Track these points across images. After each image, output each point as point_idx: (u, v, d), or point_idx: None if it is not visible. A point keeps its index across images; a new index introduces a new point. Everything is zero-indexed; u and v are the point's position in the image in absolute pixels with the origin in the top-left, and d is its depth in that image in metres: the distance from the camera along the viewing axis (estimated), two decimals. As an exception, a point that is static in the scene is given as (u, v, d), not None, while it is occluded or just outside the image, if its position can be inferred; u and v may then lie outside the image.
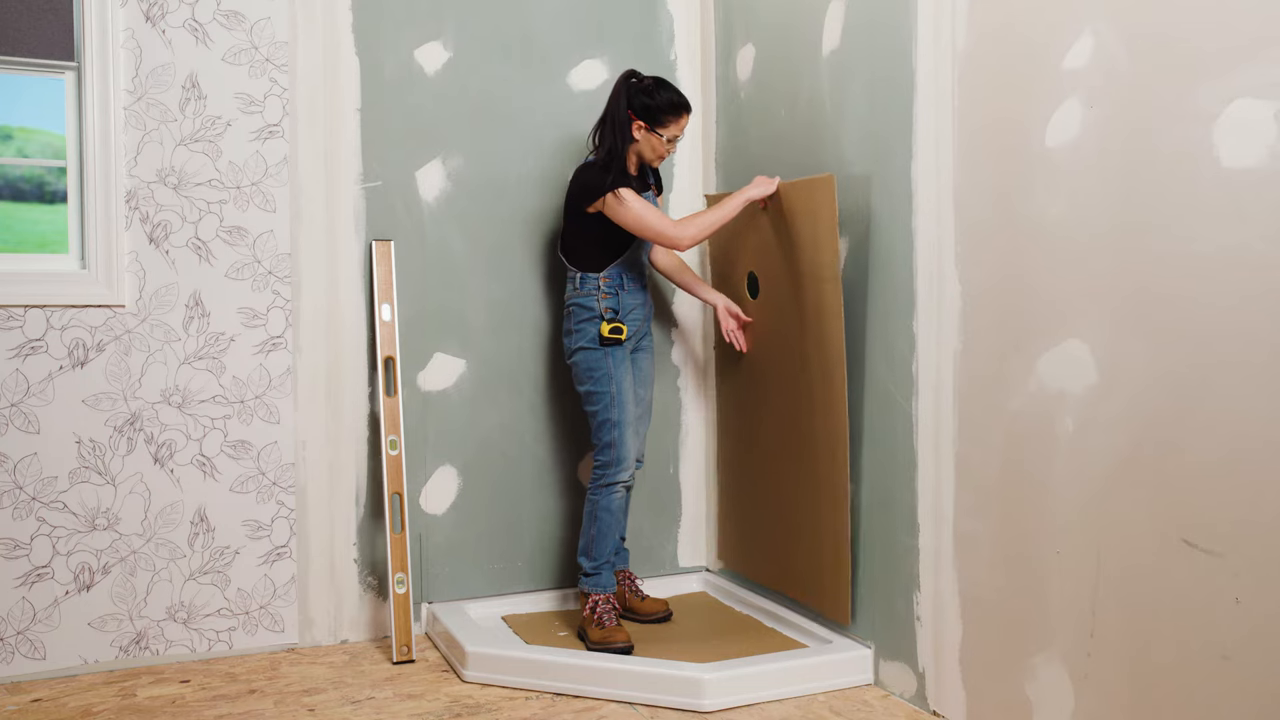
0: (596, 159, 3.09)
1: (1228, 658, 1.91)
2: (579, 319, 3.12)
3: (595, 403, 3.11)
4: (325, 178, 3.20)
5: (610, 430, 3.09)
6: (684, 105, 3.06)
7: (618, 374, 3.10)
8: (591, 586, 3.10)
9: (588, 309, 3.11)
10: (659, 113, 3.02)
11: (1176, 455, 1.99)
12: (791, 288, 3.03)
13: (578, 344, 3.12)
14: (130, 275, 3.01)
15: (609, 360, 3.09)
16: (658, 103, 3.02)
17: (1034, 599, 2.32)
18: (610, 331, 3.07)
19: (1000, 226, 2.40)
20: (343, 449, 3.24)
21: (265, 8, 3.12)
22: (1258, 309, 1.85)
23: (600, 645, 2.98)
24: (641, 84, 3.05)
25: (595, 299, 3.10)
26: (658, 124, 3.03)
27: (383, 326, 3.24)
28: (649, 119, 3.02)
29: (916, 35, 2.63)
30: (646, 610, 3.28)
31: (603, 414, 3.09)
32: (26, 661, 2.92)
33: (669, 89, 3.05)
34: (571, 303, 3.15)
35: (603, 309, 3.09)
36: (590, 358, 3.10)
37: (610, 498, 3.12)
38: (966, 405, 2.50)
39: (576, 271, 3.14)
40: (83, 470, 2.97)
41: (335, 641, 3.24)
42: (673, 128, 3.05)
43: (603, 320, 3.08)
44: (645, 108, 3.02)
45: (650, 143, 3.06)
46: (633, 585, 3.33)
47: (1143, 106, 2.04)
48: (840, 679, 2.81)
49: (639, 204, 3.01)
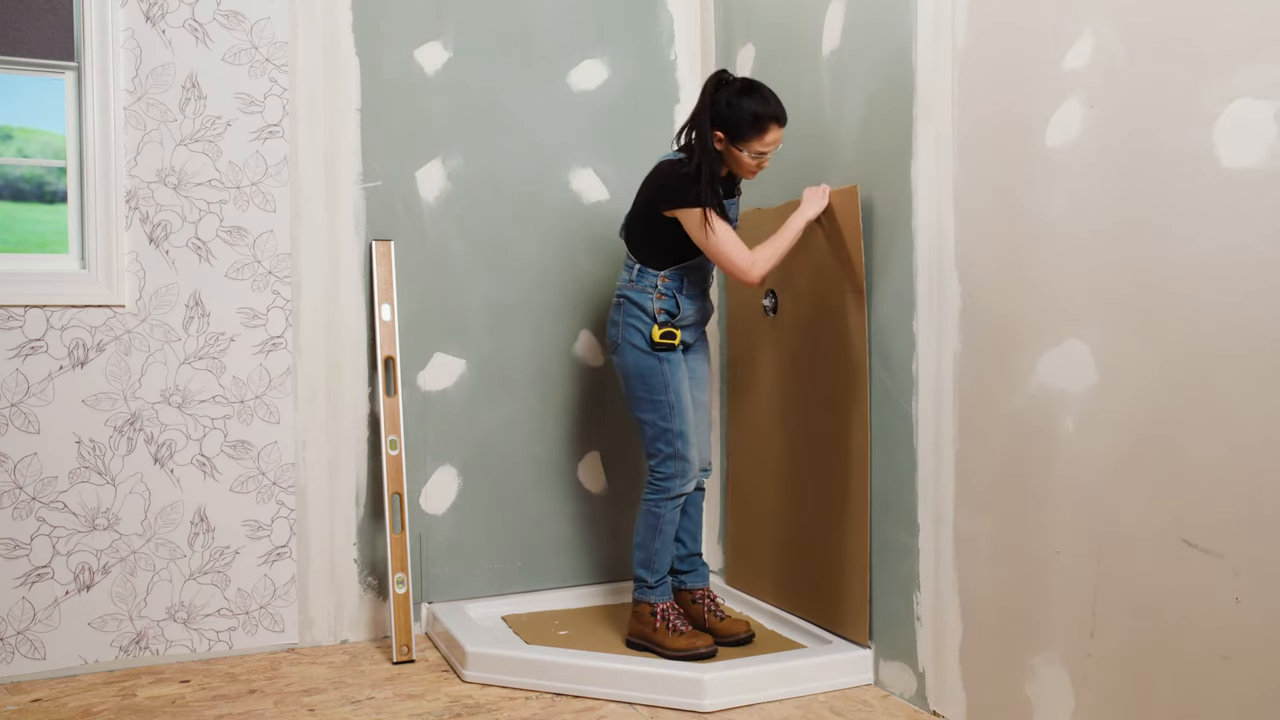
0: (684, 160, 2.80)
1: (1228, 658, 1.91)
2: (629, 314, 2.90)
3: (651, 410, 2.90)
4: (325, 178, 3.20)
5: (671, 440, 2.90)
6: (767, 117, 2.73)
7: (674, 380, 2.89)
8: (657, 598, 2.95)
9: (640, 307, 2.88)
10: (739, 126, 2.73)
11: (1176, 455, 1.99)
12: (813, 300, 3.01)
13: (627, 342, 2.90)
14: (130, 275, 3.01)
15: (665, 366, 2.88)
16: (737, 114, 2.72)
17: (1034, 599, 2.32)
18: (662, 336, 2.87)
19: (1000, 226, 2.40)
20: (343, 449, 3.24)
21: (265, 8, 3.12)
22: (1258, 308, 1.84)
23: (687, 653, 2.84)
24: (728, 88, 2.76)
25: (650, 298, 2.88)
26: (739, 137, 2.74)
27: (383, 326, 3.24)
28: (728, 132, 2.75)
29: (916, 35, 2.63)
30: (726, 631, 3.00)
31: (662, 423, 2.89)
32: (26, 661, 2.92)
33: (753, 96, 2.73)
34: (623, 294, 2.93)
35: (656, 310, 2.88)
36: (643, 363, 2.89)
37: (674, 510, 2.95)
38: (966, 405, 2.50)
39: (636, 262, 2.92)
40: (83, 470, 2.97)
41: (335, 641, 3.24)
42: (755, 143, 2.75)
43: (655, 323, 2.88)
44: (724, 119, 2.74)
45: (733, 156, 2.78)
46: (713, 605, 3.08)
47: (1143, 106, 2.04)
48: (840, 679, 2.80)
49: (721, 228, 2.75)
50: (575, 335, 3.54)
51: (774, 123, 2.75)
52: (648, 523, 2.96)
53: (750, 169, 2.82)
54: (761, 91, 2.76)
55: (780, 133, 2.78)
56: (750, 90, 2.75)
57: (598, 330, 3.56)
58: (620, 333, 2.93)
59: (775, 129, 2.76)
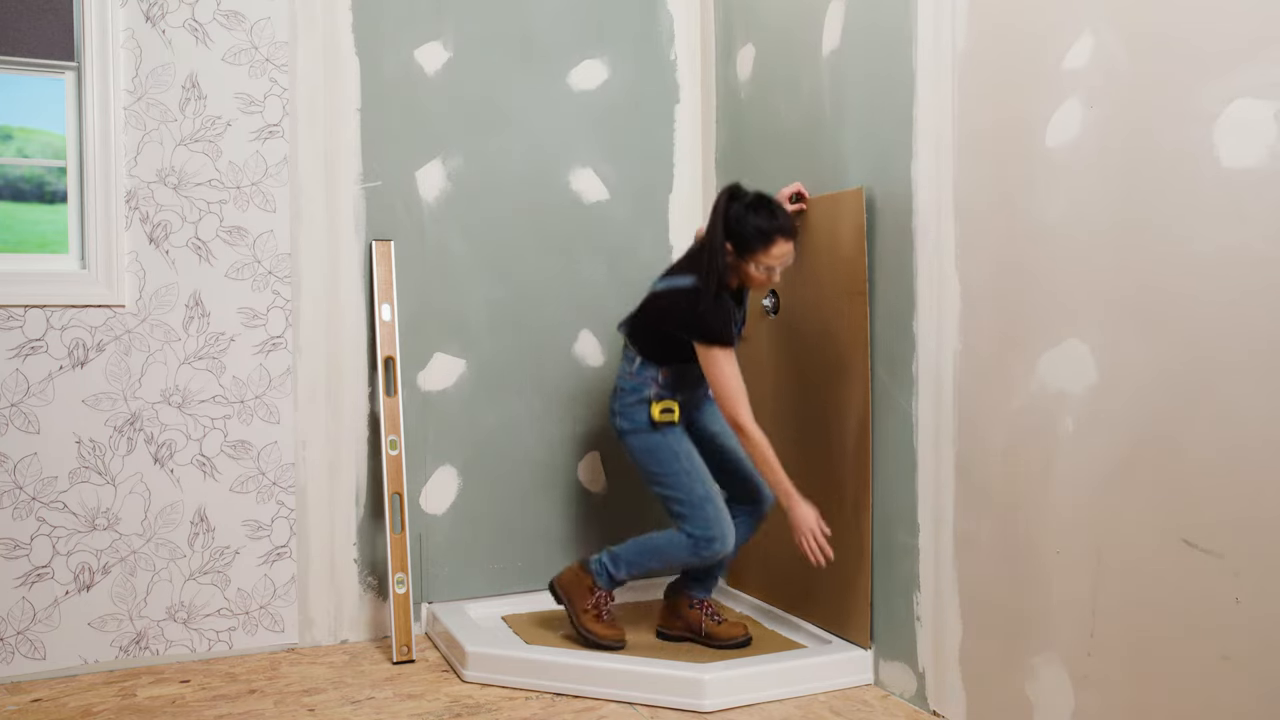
0: (696, 284, 2.80)
1: (1228, 658, 1.91)
2: (627, 402, 2.95)
3: (669, 486, 2.90)
4: (325, 178, 3.20)
5: (701, 506, 2.86)
6: (773, 231, 2.74)
7: (682, 447, 2.91)
8: (606, 584, 2.99)
9: (638, 393, 2.93)
10: (747, 240, 2.75)
11: (1176, 455, 1.99)
12: (813, 301, 3.00)
13: (630, 427, 2.94)
14: (130, 275, 3.01)
15: (669, 438, 2.90)
16: (745, 229, 2.75)
17: (1034, 599, 2.32)
18: (661, 413, 2.89)
19: (1000, 226, 2.40)
20: (343, 449, 3.24)
21: (265, 8, 3.12)
22: (1258, 308, 1.85)
23: (599, 640, 2.94)
24: (738, 205, 2.78)
25: (649, 388, 2.92)
26: (747, 251, 2.76)
27: (383, 326, 3.24)
28: (736, 246, 2.77)
29: (916, 35, 2.63)
30: (724, 635, 3.02)
31: (682, 493, 2.88)
32: (26, 661, 2.92)
33: (760, 212, 2.75)
34: (623, 384, 2.97)
35: (653, 395, 2.92)
36: (646, 441, 2.92)
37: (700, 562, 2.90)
38: (966, 405, 2.50)
39: (637, 355, 2.95)
40: (83, 470, 2.97)
41: (335, 641, 3.24)
42: (763, 257, 2.76)
43: (652, 402, 2.91)
44: (733, 233, 2.77)
45: (741, 270, 2.81)
46: (713, 610, 3.07)
47: (1143, 106, 2.04)
48: (840, 679, 2.81)
49: (730, 367, 2.76)
50: (575, 335, 3.54)
51: (781, 236, 2.75)
52: (665, 553, 2.92)
53: (759, 281, 2.83)
54: (770, 206, 2.77)
55: (788, 246, 2.78)
56: (759, 205, 2.77)
57: (598, 330, 3.56)
58: (621, 422, 2.97)
59: (782, 243, 2.76)
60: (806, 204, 3.02)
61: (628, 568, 2.98)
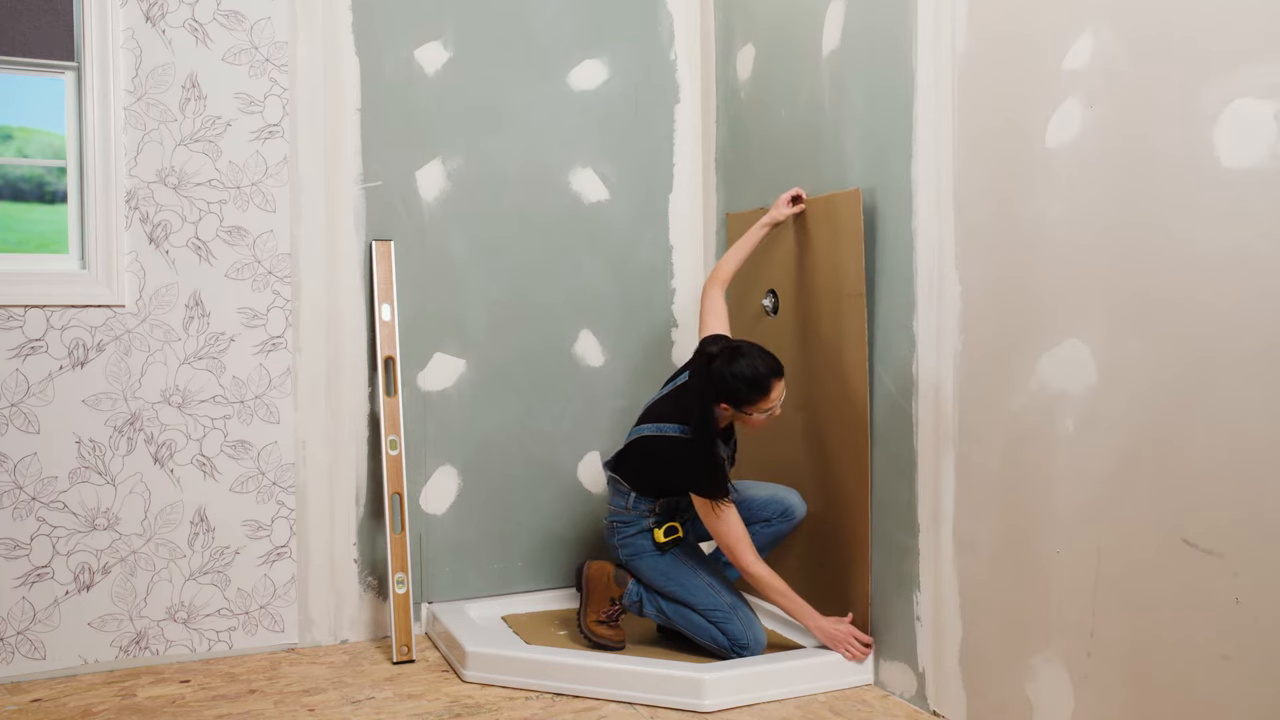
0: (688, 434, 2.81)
1: (1228, 658, 1.91)
2: (628, 534, 2.97)
3: (695, 600, 2.89)
4: (325, 178, 3.20)
5: (729, 614, 2.87)
6: (767, 377, 2.71)
7: (696, 561, 2.94)
8: (630, 605, 2.98)
9: (638, 525, 2.96)
10: (741, 395, 2.73)
11: (1176, 455, 1.99)
12: (813, 301, 3.01)
13: (636, 555, 2.96)
14: (130, 275, 3.01)
15: (680, 555, 2.94)
16: (737, 388, 2.72)
17: (1034, 599, 2.32)
18: (666, 534, 2.92)
19: (1000, 226, 2.40)
20: (343, 449, 3.24)
21: (265, 8, 3.12)
22: (1258, 309, 1.85)
23: (598, 639, 2.95)
24: (719, 366, 2.73)
25: (646, 520, 2.96)
26: (747, 403, 2.74)
27: (383, 326, 3.24)
28: (734, 403, 2.75)
29: (916, 36, 2.63)
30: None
31: (710, 604, 2.88)
32: (26, 661, 2.92)
33: (742, 362, 2.71)
34: (619, 519, 2.99)
35: (653, 524, 2.95)
36: (656, 565, 2.94)
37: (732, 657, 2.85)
38: (966, 405, 2.50)
39: (631, 491, 2.96)
40: (83, 470, 2.97)
41: (335, 641, 3.24)
42: (763, 403, 2.74)
43: (654, 529, 2.93)
44: (727, 394, 2.74)
45: (742, 419, 2.80)
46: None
47: (1143, 106, 2.05)
48: (840, 679, 2.81)
49: (731, 517, 2.79)
50: (575, 335, 3.54)
51: (775, 379, 2.74)
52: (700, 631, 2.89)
53: (762, 423, 2.82)
54: (749, 355, 2.73)
55: (782, 384, 2.76)
56: (737, 356, 2.73)
57: (598, 330, 3.56)
58: (627, 551, 2.99)
59: (778, 384, 2.75)
60: (804, 205, 3.02)
61: (658, 615, 2.98)
